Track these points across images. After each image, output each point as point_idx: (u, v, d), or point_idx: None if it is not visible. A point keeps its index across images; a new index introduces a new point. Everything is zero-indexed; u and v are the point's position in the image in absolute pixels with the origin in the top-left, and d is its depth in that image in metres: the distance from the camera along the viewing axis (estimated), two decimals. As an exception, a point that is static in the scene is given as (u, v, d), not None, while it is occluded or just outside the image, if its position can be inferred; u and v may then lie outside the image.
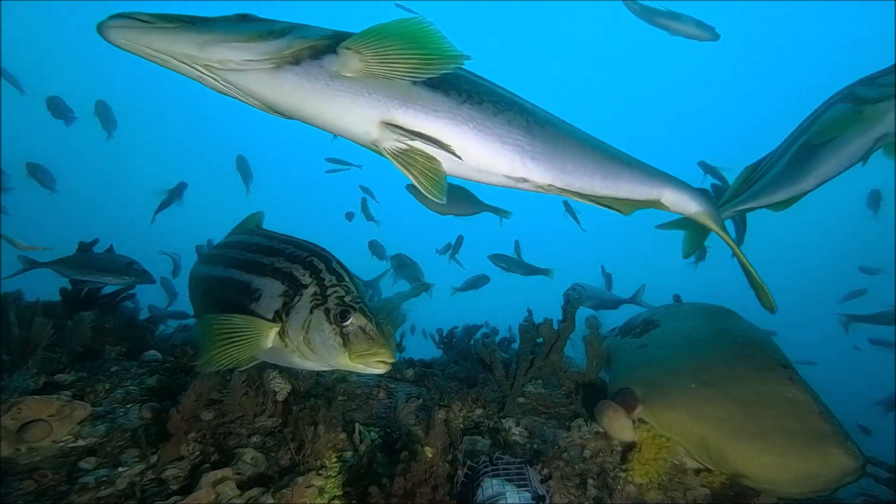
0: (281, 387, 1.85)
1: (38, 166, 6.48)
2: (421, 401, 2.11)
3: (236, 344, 1.24)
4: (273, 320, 1.31)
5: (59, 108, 6.85)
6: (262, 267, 1.40)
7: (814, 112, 2.10)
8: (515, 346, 3.69)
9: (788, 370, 1.81)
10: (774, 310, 1.77)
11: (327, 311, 1.27)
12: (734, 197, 2.36)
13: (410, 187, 3.32)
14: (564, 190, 1.40)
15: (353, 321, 1.27)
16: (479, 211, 3.52)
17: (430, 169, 1.22)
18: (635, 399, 1.92)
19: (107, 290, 2.78)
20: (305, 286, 1.32)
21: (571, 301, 2.29)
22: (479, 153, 1.27)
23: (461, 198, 3.38)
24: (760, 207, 2.26)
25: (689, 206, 1.59)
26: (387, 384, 2.29)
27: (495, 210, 3.66)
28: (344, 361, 1.24)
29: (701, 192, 1.63)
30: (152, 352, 2.18)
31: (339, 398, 2.01)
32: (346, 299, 1.30)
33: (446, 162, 1.27)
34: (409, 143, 1.21)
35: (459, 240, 6.36)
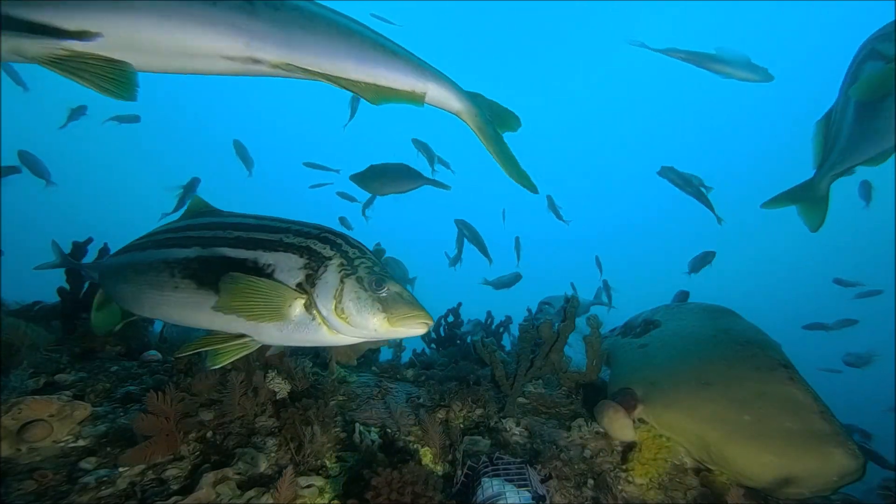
0: (281, 387, 1.85)
1: (31, 155, 6.27)
2: (421, 401, 2.11)
3: (257, 309, 1.21)
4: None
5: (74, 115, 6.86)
6: (267, 243, 1.33)
7: (850, 69, 2.07)
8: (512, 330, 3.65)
9: (789, 370, 1.81)
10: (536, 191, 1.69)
11: (360, 280, 1.26)
12: (826, 158, 2.30)
13: (353, 177, 3.32)
14: (310, 71, 1.32)
15: (390, 287, 1.27)
16: (419, 185, 3.46)
17: (112, 70, 1.07)
18: (635, 399, 1.92)
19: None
20: (329, 258, 1.30)
21: (570, 301, 2.29)
22: (175, 39, 1.14)
23: (399, 175, 3.36)
24: (858, 164, 2.18)
25: (452, 103, 1.54)
26: (387, 384, 2.29)
27: (435, 183, 3.57)
28: (384, 327, 1.24)
29: (469, 93, 1.57)
30: (152, 351, 2.18)
31: (340, 398, 2.01)
32: (376, 269, 1.29)
33: (144, 56, 1.13)
34: (64, 45, 1.02)
35: (460, 240, 6.29)
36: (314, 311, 1.26)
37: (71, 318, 2.35)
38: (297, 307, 1.26)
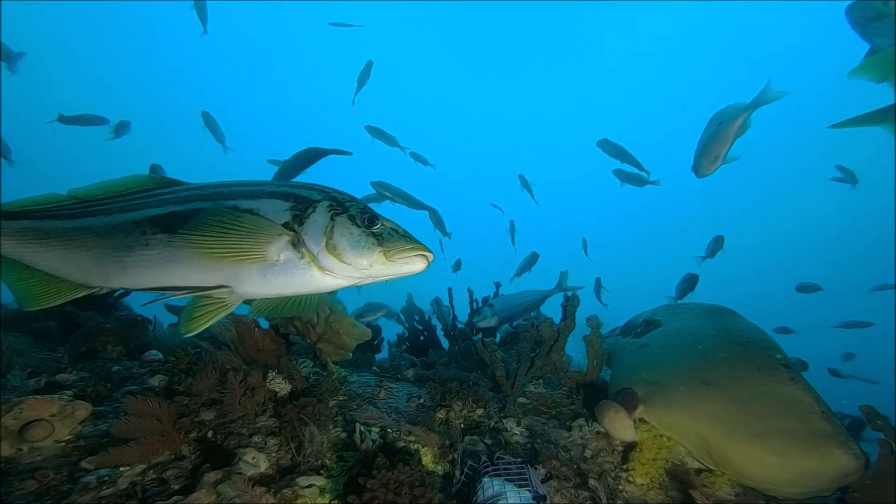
0: (281, 387, 1.85)
1: None
2: (422, 401, 2.11)
3: (235, 245, 1.11)
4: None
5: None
6: (247, 192, 1.24)
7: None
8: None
9: (790, 370, 1.81)
10: None
11: (352, 217, 1.19)
12: None
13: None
14: None
15: (384, 223, 1.21)
16: (322, 157, 3.51)
17: None
18: (636, 399, 1.92)
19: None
20: (317, 200, 1.22)
21: (570, 300, 2.29)
22: None
23: (303, 158, 3.43)
24: None
25: None
26: (388, 384, 2.29)
27: (338, 151, 3.57)
28: (379, 261, 1.17)
29: None
30: (153, 351, 2.18)
31: (341, 398, 2.01)
32: (368, 210, 1.23)
33: None
34: None
35: (439, 224, 6.16)
36: (303, 250, 1.17)
37: (71, 318, 2.35)
38: (283, 245, 1.17)
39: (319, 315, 1.96)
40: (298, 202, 1.21)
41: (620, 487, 1.66)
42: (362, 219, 1.19)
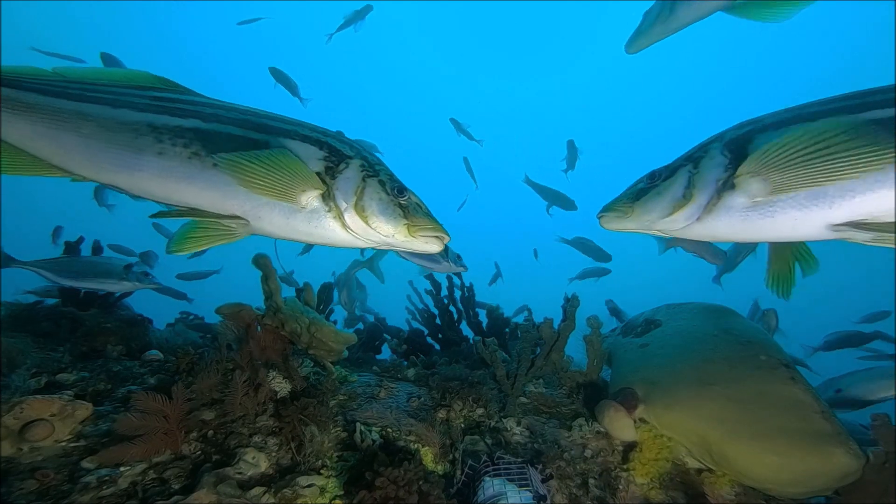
0: (281, 386, 1.85)
1: None
2: (422, 400, 2.11)
3: (274, 183, 1.10)
4: None
5: None
6: (281, 130, 1.23)
7: None
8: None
9: (790, 370, 1.81)
10: None
11: (382, 183, 1.21)
12: None
13: None
14: None
15: (410, 197, 1.24)
16: None
17: None
18: (636, 399, 1.92)
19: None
20: (351, 156, 1.23)
21: (570, 300, 2.29)
22: None
23: None
24: None
25: None
26: (388, 384, 2.29)
27: None
28: (402, 234, 1.20)
29: None
30: (153, 351, 2.18)
31: (341, 398, 2.01)
32: (395, 178, 1.26)
33: None
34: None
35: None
36: (331, 203, 1.19)
37: (72, 318, 2.35)
38: (314, 195, 1.18)
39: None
40: (332, 154, 1.22)
41: (621, 487, 1.66)
42: (392, 187, 1.22)
